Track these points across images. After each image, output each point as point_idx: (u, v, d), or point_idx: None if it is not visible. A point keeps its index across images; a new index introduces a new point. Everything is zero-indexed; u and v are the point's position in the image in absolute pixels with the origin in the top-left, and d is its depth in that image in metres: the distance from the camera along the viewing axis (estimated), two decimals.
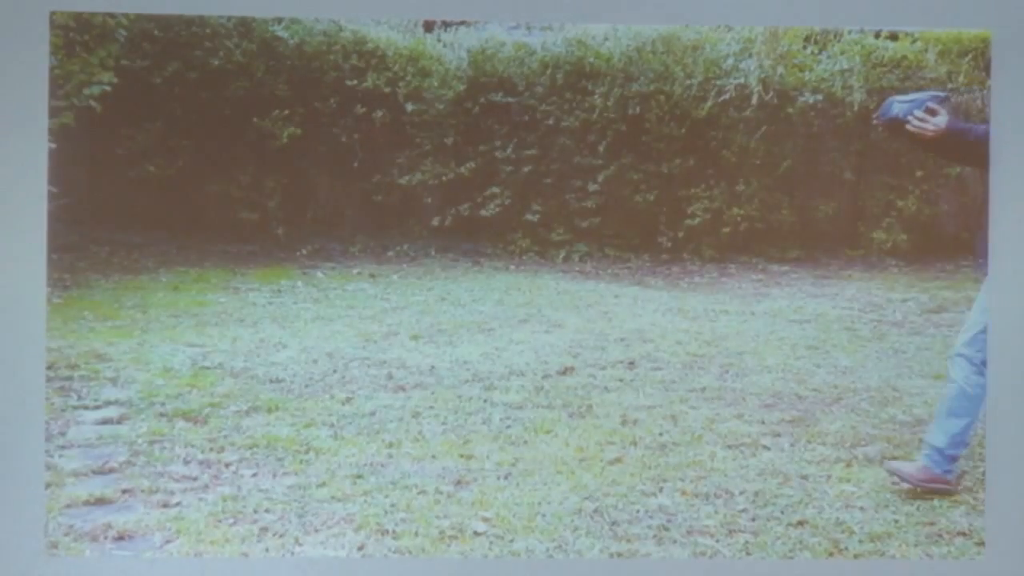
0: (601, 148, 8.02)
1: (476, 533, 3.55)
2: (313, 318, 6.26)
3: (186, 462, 4.07)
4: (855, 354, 5.76)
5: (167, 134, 7.66)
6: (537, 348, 5.72)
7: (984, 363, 3.81)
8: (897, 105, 3.84)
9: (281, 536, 3.52)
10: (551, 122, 8.09)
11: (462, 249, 8.11)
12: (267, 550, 3.45)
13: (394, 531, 3.54)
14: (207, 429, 4.39)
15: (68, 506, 3.69)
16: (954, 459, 3.90)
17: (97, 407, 4.61)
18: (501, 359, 5.52)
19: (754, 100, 7.98)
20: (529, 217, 8.13)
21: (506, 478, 3.98)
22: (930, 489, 3.88)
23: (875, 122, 3.93)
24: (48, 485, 3.75)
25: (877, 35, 8.29)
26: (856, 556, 3.50)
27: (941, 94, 3.89)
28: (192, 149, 7.71)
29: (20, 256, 3.56)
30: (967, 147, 3.79)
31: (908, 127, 3.78)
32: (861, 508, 3.78)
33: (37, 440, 3.57)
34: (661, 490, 3.89)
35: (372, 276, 7.47)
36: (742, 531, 3.61)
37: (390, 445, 4.29)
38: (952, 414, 3.89)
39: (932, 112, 3.76)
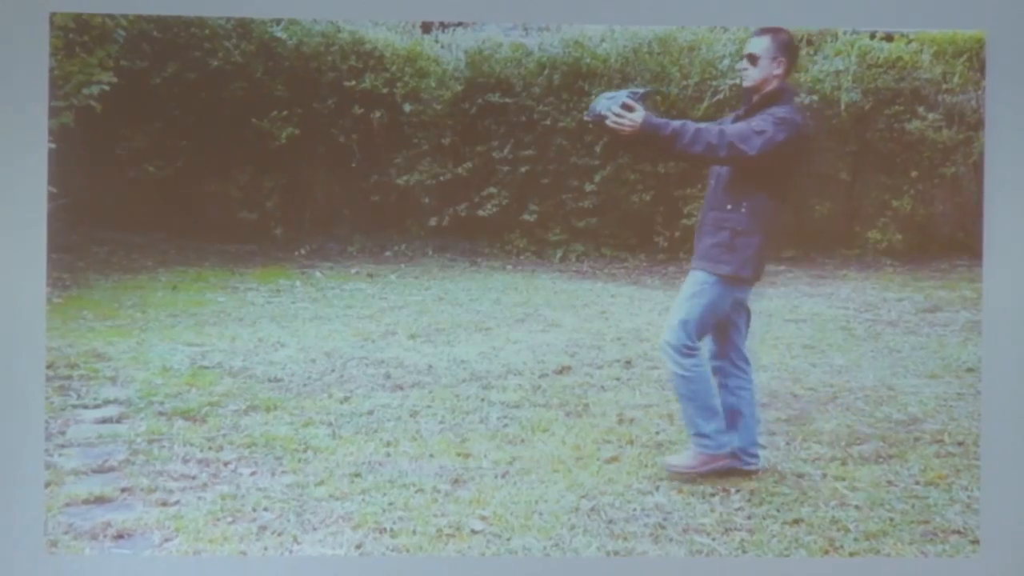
0: (598, 148, 8.03)
1: (473, 531, 3.55)
2: (311, 317, 6.27)
3: (185, 461, 4.07)
4: (850, 353, 5.78)
5: (166, 134, 7.66)
6: (534, 347, 5.72)
7: (688, 344, 3.90)
8: (602, 102, 3.86)
9: (279, 535, 3.52)
10: (548, 122, 8.10)
11: (459, 249, 8.12)
12: (265, 548, 3.46)
13: (392, 529, 3.54)
14: (206, 428, 4.40)
15: (67, 505, 3.69)
16: (719, 432, 3.97)
17: (96, 406, 4.61)
18: (498, 358, 5.53)
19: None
20: (526, 217, 8.14)
21: (503, 477, 3.99)
22: (716, 469, 3.95)
23: (585, 119, 3.94)
24: (47, 484, 3.75)
25: (872, 36, 8.31)
26: (851, 554, 3.50)
27: (640, 90, 3.90)
28: (191, 149, 7.72)
29: (20, 256, 3.57)
30: (664, 141, 3.80)
31: (607, 123, 3.79)
32: (856, 506, 3.79)
33: (37, 439, 3.59)
34: (658, 488, 3.90)
35: (370, 276, 7.47)
36: (738, 529, 3.62)
37: (388, 444, 4.29)
38: (685, 398, 3.96)
39: (629, 108, 3.77)
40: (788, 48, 3.98)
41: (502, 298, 6.94)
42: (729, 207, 3.92)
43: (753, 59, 3.95)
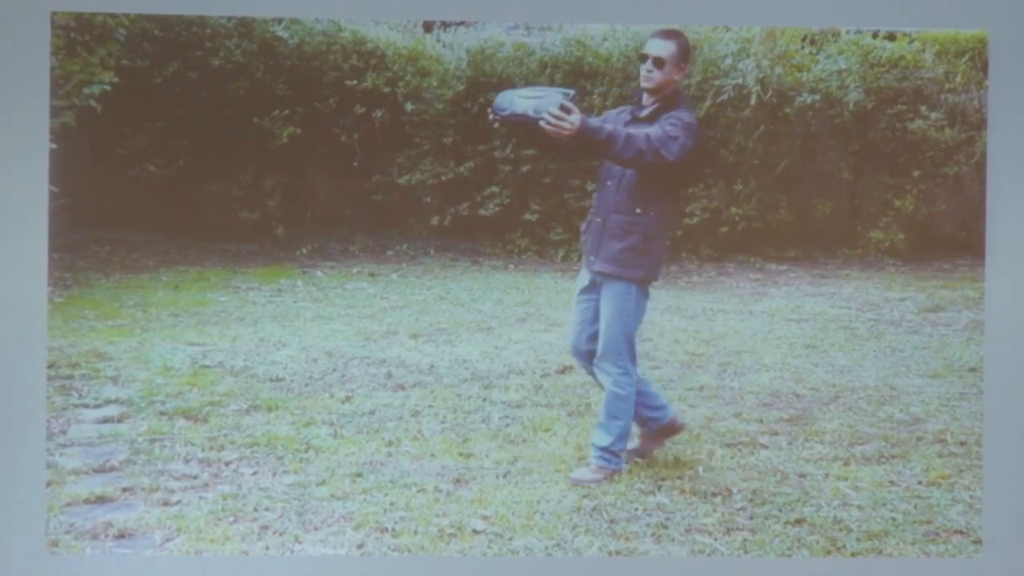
0: None
1: (475, 531, 3.55)
2: (313, 317, 6.28)
3: (186, 460, 4.07)
4: (853, 353, 5.78)
5: (167, 134, 7.69)
6: (536, 347, 5.73)
7: (627, 363, 4.00)
8: (522, 101, 3.75)
9: (281, 534, 3.52)
10: None
11: (461, 248, 8.13)
12: (267, 548, 3.46)
13: (393, 529, 3.54)
14: (207, 428, 4.40)
15: (69, 504, 3.69)
16: (621, 451, 4.05)
17: (98, 406, 4.62)
18: (500, 358, 5.54)
19: (752, 100, 8.00)
20: (528, 216, 8.16)
21: (505, 476, 3.99)
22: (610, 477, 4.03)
23: (492, 117, 3.84)
24: (49, 483, 3.75)
25: (875, 35, 8.32)
26: (854, 554, 3.50)
27: (570, 91, 3.81)
28: (192, 149, 7.74)
29: (21, 255, 3.56)
30: (597, 146, 3.78)
31: (543, 124, 3.69)
32: (859, 507, 3.79)
33: (38, 439, 3.57)
34: (659, 488, 3.90)
35: (372, 275, 7.48)
36: (740, 529, 3.62)
37: (389, 444, 4.29)
38: (612, 416, 4.02)
39: (567, 110, 3.71)
40: (688, 54, 4.06)
41: (504, 298, 6.95)
42: (638, 211, 3.93)
43: (660, 62, 3.96)
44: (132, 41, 7.33)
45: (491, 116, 3.87)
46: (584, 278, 4.09)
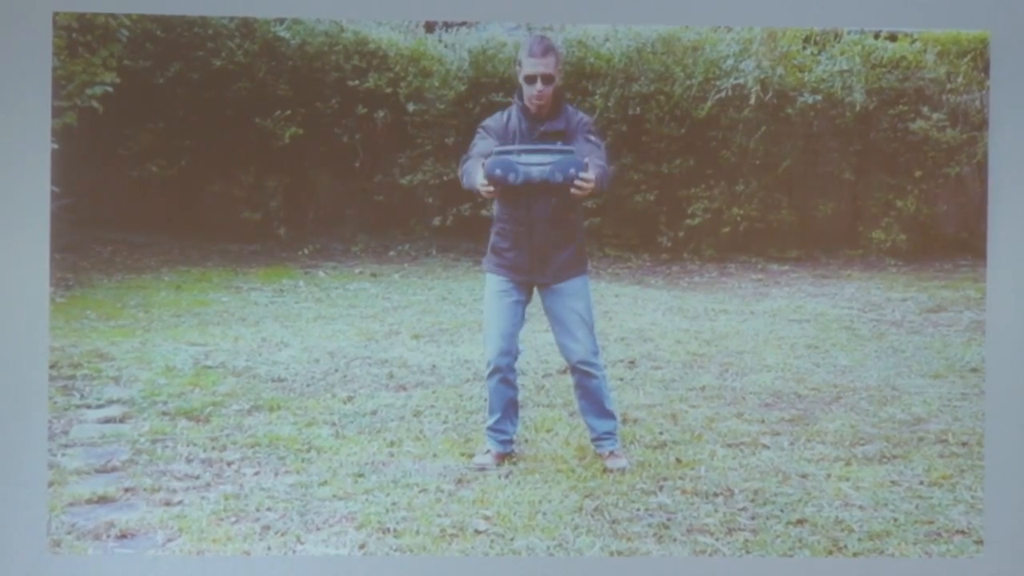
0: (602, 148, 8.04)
1: (477, 531, 3.56)
2: (315, 317, 6.28)
3: (188, 461, 4.08)
4: (854, 353, 5.78)
5: (169, 134, 7.69)
6: (538, 347, 5.72)
7: (596, 353, 4.10)
8: (533, 168, 3.78)
9: (283, 535, 3.53)
10: None
11: (463, 248, 8.13)
12: (269, 548, 3.47)
13: (395, 529, 3.55)
14: (209, 428, 4.41)
15: (71, 505, 3.70)
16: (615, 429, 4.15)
17: (100, 406, 4.63)
18: None
19: (753, 100, 8.00)
20: None
21: (507, 477, 3.99)
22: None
23: (493, 187, 3.81)
24: (51, 484, 3.76)
25: (876, 36, 8.31)
26: (855, 554, 3.51)
27: (571, 149, 3.82)
28: (194, 149, 7.74)
29: (23, 256, 3.58)
30: (597, 190, 3.85)
31: (575, 191, 3.75)
32: (860, 507, 3.80)
33: (40, 439, 3.59)
34: (661, 488, 3.91)
35: (374, 275, 7.49)
36: (742, 529, 3.63)
37: (391, 444, 4.30)
38: (605, 398, 4.13)
39: (586, 168, 3.76)
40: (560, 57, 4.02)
41: None
42: (572, 216, 4.04)
43: (549, 79, 3.93)
44: (134, 42, 7.34)
45: (490, 187, 3.83)
46: (506, 287, 4.11)
